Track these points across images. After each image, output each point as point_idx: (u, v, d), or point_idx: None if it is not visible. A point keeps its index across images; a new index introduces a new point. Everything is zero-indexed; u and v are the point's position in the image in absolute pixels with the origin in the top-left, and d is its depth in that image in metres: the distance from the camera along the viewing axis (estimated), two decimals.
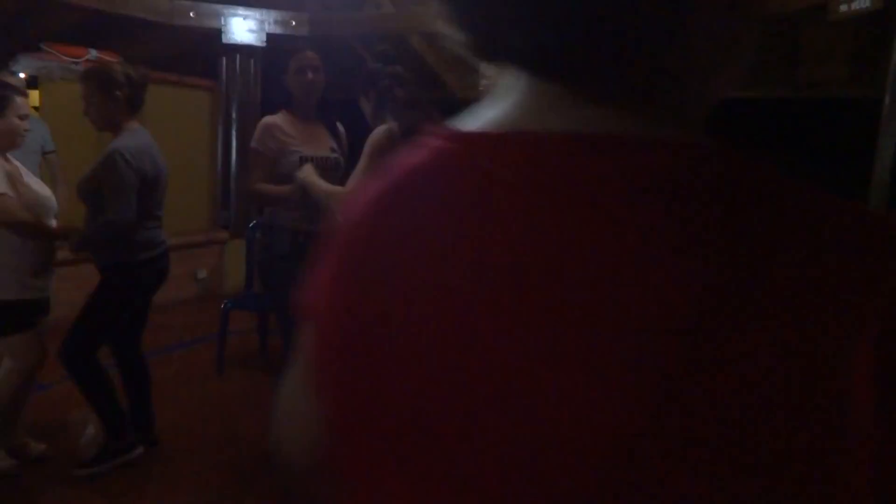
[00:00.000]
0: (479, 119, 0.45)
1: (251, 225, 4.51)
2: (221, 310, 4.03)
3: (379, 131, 2.44)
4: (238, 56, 5.94)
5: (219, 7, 5.65)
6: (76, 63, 5.33)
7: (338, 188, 2.54)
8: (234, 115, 6.05)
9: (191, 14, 5.58)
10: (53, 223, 2.75)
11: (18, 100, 2.57)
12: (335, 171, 2.78)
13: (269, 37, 5.80)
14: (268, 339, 4.42)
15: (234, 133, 6.10)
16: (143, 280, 2.77)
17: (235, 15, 5.69)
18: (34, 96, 6.97)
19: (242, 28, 5.73)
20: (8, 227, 2.53)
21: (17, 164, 2.68)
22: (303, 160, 2.71)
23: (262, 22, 5.77)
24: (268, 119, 2.77)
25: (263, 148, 2.71)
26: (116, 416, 2.82)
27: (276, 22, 5.81)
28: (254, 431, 3.24)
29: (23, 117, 2.59)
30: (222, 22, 5.66)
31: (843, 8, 3.57)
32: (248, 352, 4.48)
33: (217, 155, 6.25)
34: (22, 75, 5.11)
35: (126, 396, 2.96)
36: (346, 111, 3.08)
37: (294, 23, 5.84)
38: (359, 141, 2.98)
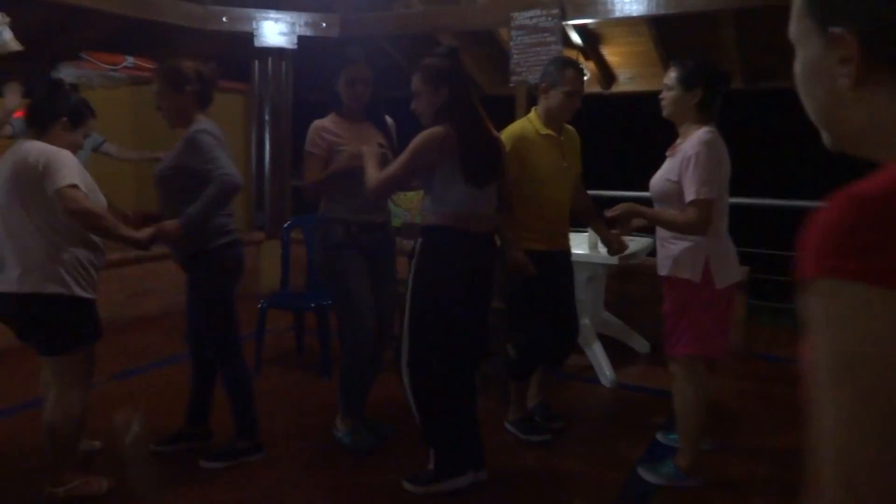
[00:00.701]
0: None
1: (286, 225, 4.56)
2: (258, 309, 4.09)
3: (436, 133, 2.47)
4: (270, 59, 6.01)
5: (251, 11, 5.73)
6: (114, 70, 5.45)
7: (374, 174, 2.61)
8: (266, 118, 6.13)
9: (223, 19, 5.66)
10: None
11: (90, 121, 2.71)
12: (382, 165, 2.86)
13: (300, 39, 5.85)
14: (304, 337, 4.47)
15: (267, 135, 6.18)
16: (225, 266, 2.82)
17: (267, 18, 5.76)
18: None
19: (274, 31, 5.79)
20: (92, 226, 2.50)
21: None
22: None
23: (292, 24, 5.83)
24: (318, 122, 2.94)
25: (315, 149, 2.89)
26: (254, 417, 2.94)
27: (306, 24, 5.86)
28: (291, 429, 3.29)
29: (85, 135, 2.73)
30: (254, 26, 5.74)
31: None
32: (284, 350, 4.54)
33: (251, 157, 6.32)
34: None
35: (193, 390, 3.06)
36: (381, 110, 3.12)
37: (324, 24, 5.89)
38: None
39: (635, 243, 4.25)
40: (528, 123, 3.05)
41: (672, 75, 2.72)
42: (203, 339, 2.92)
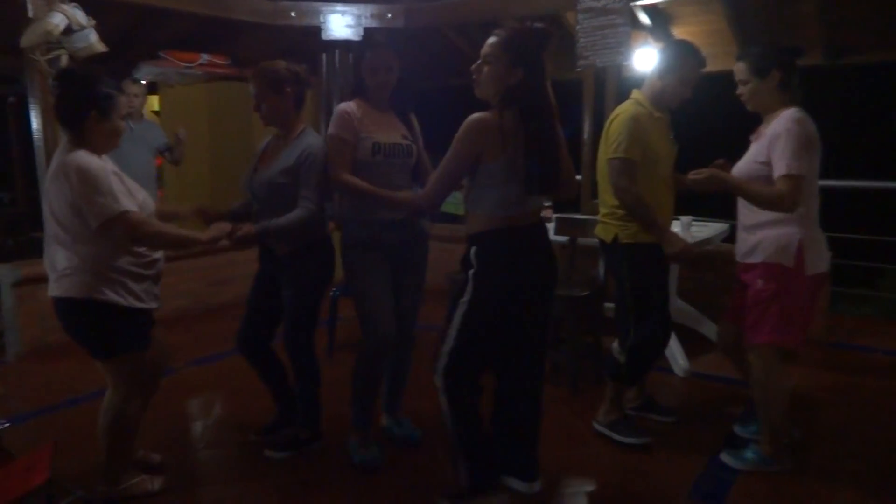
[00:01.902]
0: None
1: None
2: (330, 297, 4.18)
3: (485, 120, 2.21)
4: (337, 51, 6.11)
5: (318, 5, 5.83)
6: (190, 67, 5.66)
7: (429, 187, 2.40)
8: (334, 109, 6.23)
9: (292, 13, 5.78)
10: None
11: (121, 100, 2.48)
12: (407, 158, 2.77)
13: (366, 30, 5.92)
14: None
15: None
16: (330, 257, 2.90)
17: (334, 11, 5.85)
18: (154, 101, 7.46)
19: (340, 24, 5.88)
20: (151, 241, 2.44)
21: (111, 163, 2.53)
22: (375, 147, 2.70)
23: (358, 16, 5.90)
24: (343, 106, 2.78)
25: (345, 134, 2.71)
26: (317, 408, 3.01)
27: (372, 15, 5.92)
28: None
29: (124, 117, 2.53)
30: (322, 19, 5.84)
31: None
32: (355, 337, 4.62)
33: None
34: (143, 82, 5.47)
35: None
36: (438, 98, 3.09)
37: (389, 15, 5.93)
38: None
39: (709, 229, 4.14)
40: (639, 107, 2.84)
41: (742, 66, 2.65)
42: (265, 333, 2.96)
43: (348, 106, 2.77)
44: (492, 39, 2.26)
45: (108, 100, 2.39)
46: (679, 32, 5.52)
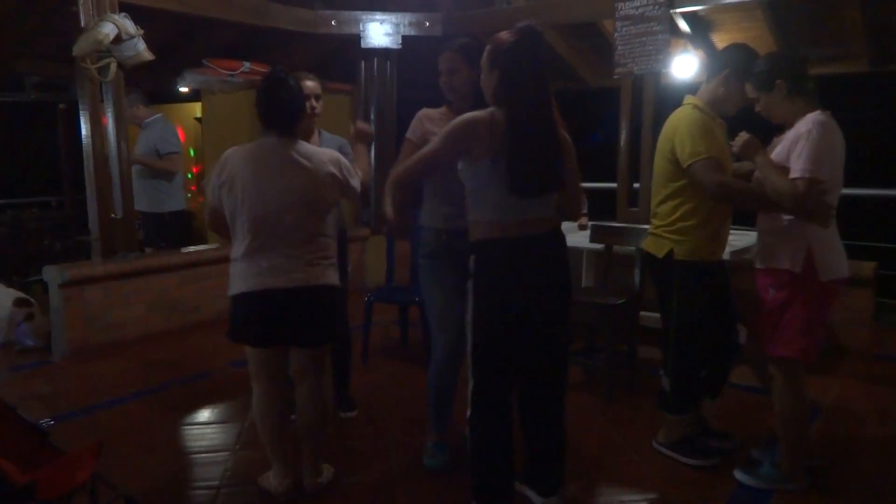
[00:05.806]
0: None
1: None
2: (365, 303, 4.21)
3: (477, 117, 2.21)
4: (375, 59, 6.18)
5: (357, 13, 5.91)
6: (232, 75, 5.78)
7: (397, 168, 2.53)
8: (372, 116, 6.30)
9: (332, 22, 5.88)
10: None
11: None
12: None
13: (404, 39, 5.98)
14: (408, 330, 4.57)
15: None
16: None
17: (373, 20, 5.93)
18: (197, 108, 7.62)
19: (379, 32, 5.96)
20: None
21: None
22: None
23: (397, 25, 5.96)
24: (424, 111, 2.82)
25: (412, 136, 2.78)
26: None
27: (410, 24, 5.98)
28: (397, 418, 3.38)
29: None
30: (361, 28, 5.92)
31: None
32: (390, 342, 4.66)
33: None
34: (185, 89, 5.61)
35: None
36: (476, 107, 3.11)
37: (427, 23, 5.98)
38: None
39: (747, 238, 4.07)
40: (700, 112, 2.70)
41: (749, 87, 2.64)
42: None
43: (427, 110, 2.80)
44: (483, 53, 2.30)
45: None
46: (719, 40, 5.46)
